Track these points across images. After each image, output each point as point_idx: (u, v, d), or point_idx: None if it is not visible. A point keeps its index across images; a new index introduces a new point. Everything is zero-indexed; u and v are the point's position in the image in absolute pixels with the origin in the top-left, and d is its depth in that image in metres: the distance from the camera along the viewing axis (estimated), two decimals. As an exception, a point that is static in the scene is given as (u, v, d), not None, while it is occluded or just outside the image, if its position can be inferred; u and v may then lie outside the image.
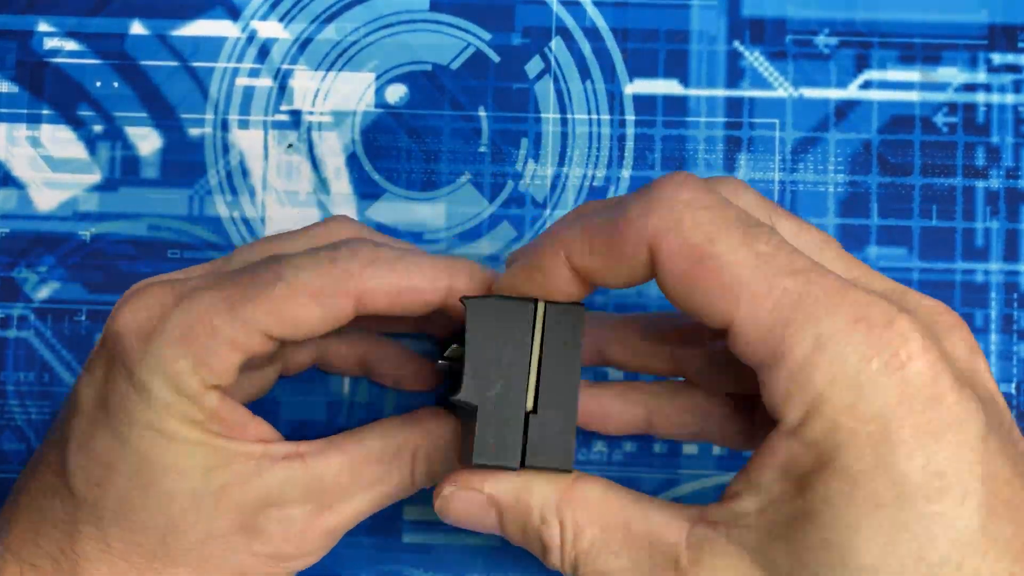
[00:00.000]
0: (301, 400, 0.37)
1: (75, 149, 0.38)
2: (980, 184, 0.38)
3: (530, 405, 0.29)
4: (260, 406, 0.34)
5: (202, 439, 0.29)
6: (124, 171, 0.38)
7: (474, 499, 0.29)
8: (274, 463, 0.30)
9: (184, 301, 0.29)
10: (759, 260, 0.25)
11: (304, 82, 0.38)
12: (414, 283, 0.29)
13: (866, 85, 0.38)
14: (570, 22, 0.38)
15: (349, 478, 0.31)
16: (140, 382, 0.29)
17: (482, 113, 0.38)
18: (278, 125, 0.38)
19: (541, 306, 0.29)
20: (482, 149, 0.38)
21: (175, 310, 0.29)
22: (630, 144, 0.38)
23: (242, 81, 0.38)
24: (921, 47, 0.38)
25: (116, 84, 0.38)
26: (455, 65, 0.38)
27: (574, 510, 0.28)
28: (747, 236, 0.25)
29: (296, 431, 0.37)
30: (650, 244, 0.25)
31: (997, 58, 0.38)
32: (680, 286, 0.25)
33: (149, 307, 0.29)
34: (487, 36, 0.38)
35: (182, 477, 0.29)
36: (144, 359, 0.29)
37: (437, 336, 0.36)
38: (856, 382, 0.24)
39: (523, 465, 0.29)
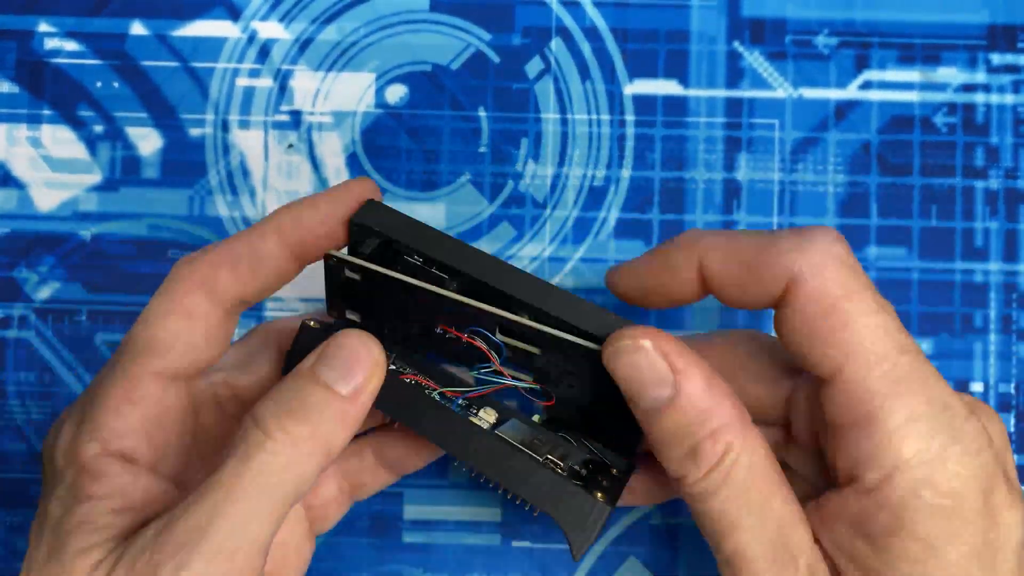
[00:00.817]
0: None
1: (76, 149, 0.38)
2: (979, 184, 0.38)
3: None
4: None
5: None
6: (125, 171, 0.38)
7: (659, 369, 0.28)
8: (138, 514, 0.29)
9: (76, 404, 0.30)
10: (882, 330, 0.27)
11: (304, 82, 0.38)
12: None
13: (866, 85, 0.38)
14: (570, 22, 0.38)
15: None
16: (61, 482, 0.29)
17: (482, 113, 0.38)
18: (278, 125, 0.38)
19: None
20: (482, 149, 0.38)
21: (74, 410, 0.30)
22: (630, 144, 0.38)
23: (242, 81, 0.38)
24: (921, 47, 0.38)
25: (116, 84, 0.38)
26: (455, 65, 0.38)
27: (745, 449, 0.28)
28: (877, 305, 0.27)
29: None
30: (791, 278, 0.28)
31: (996, 58, 0.38)
32: (804, 326, 0.27)
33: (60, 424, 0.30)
34: (487, 36, 0.38)
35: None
36: (67, 459, 0.29)
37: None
38: (939, 459, 0.27)
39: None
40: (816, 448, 0.30)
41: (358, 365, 0.28)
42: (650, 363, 0.28)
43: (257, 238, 0.31)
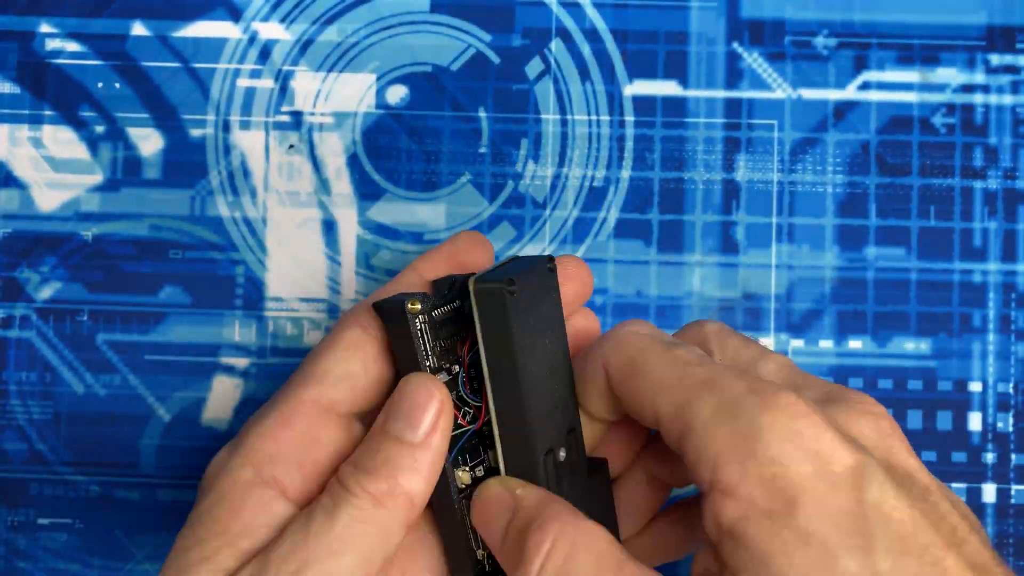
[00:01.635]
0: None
1: (77, 150, 0.38)
2: (978, 184, 0.38)
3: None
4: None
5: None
6: (126, 172, 0.38)
7: (503, 499, 0.29)
8: None
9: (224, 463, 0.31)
10: (674, 361, 0.29)
11: (305, 83, 0.38)
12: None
13: (864, 86, 0.38)
14: (570, 23, 0.39)
15: None
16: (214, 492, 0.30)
17: (482, 114, 0.38)
18: (279, 126, 0.38)
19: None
20: (482, 150, 0.38)
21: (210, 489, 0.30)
22: (629, 145, 0.38)
23: (243, 82, 0.38)
24: (919, 48, 0.38)
25: (118, 85, 0.39)
26: (455, 66, 0.38)
27: (576, 535, 0.28)
28: (668, 347, 0.29)
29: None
30: (603, 365, 0.30)
31: (995, 59, 0.38)
32: (623, 393, 0.29)
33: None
34: (487, 37, 0.39)
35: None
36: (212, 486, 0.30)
37: None
38: (750, 433, 0.26)
39: None
40: None
41: (421, 410, 0.29)
42: (493, 496, 0.30)
43: (406, 287, 0.32)
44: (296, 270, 0.38)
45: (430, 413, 0.29)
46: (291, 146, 0.38)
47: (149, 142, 0.38)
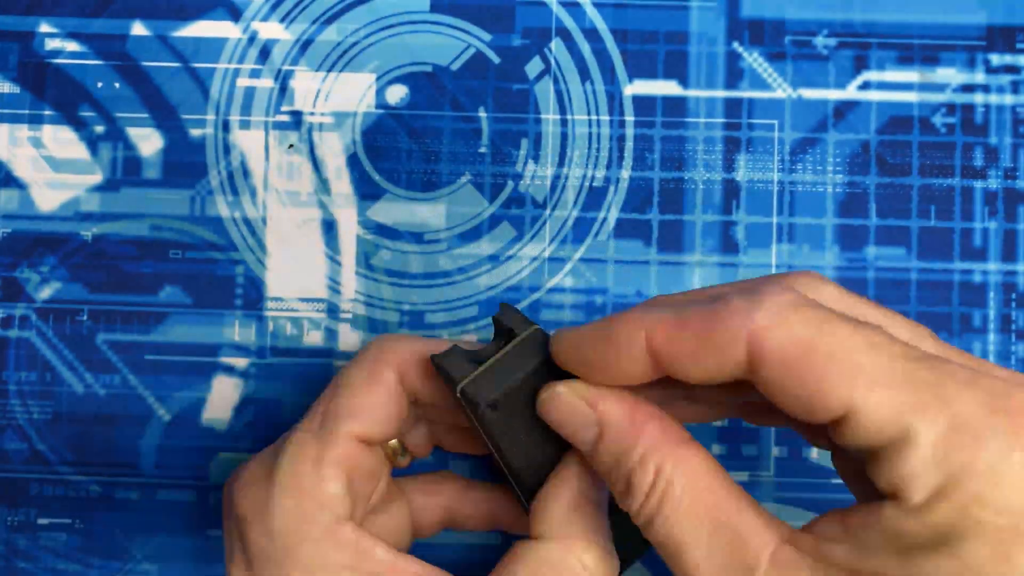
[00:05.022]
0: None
1: (77, 150, 0.38)
2: (978, 184, 0.38)
3: None
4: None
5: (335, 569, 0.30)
6: (126, 171, 0.38)
7: (582, 410, 0.29)
8: None
9: (279, 454, 0.31)
10: (874, 348, 0.24)
11: (305, 83, 0.38)
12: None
13: (865, 86, 0.38)
14: (570, 23, 0.39)
15: None
16: (282, 538, 0.30)
17: (482, 114, 0.38)
18: (279, 126, 0.38)
19: (533, 328, 0.31)
20: (482, 150, 0.38)
21: (279, 464, 0.31)
22: (629, 145, 0.38)
23: (243, 82, 0.38)
24: (919, 48, 0.38)
25: (117, 85, 0.39)
26: (455, 66, 0.38)
27: (676, 468, 0.27)
28: (856, 327, 0.25)
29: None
30: (751, 338, 0.25)
31: (995, 59, 0.38)
32: (788, 380, 0.25)
33: (255, 476, 0.31)
34: (487, 37, 0.39)
35: None
36: (278, 519, 0.30)
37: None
38: (994, 470, 0.23)
39: None
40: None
41: None
42: (571, 408, 0.29)
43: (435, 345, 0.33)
44: (296, 270, 0.38)
45: None
46: (291, 146, 0.38)
47: (149, 142, 0.38)
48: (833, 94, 0.38)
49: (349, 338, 0.38)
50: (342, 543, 0.30)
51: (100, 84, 0.39)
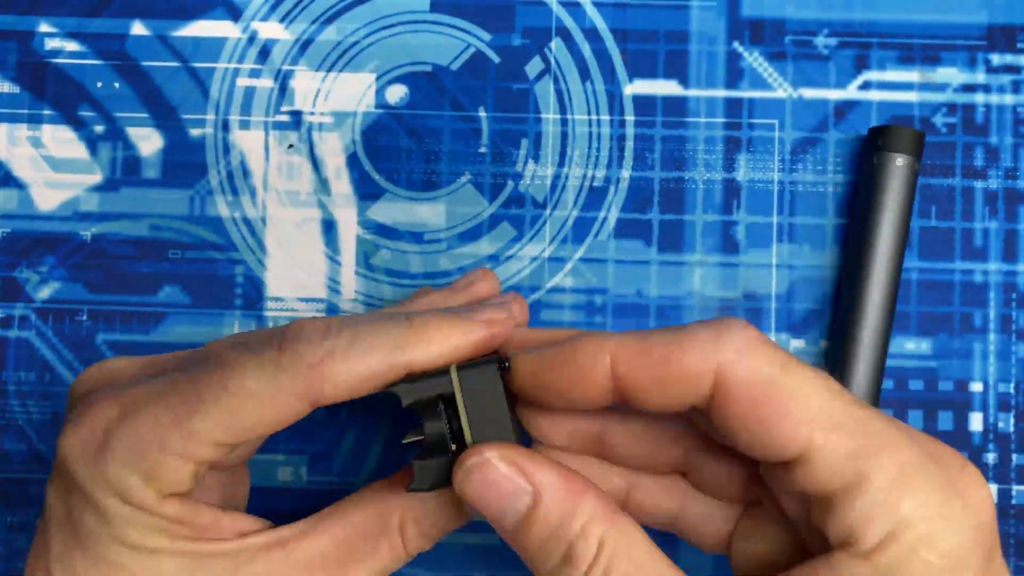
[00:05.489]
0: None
1: (76, 149, 0.38)
2: (979, 184, 0.38)
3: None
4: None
5: (169, 547, 0.28)
6: (125, 171, 0.38)
7: (512, 479, 0.27)
8: (253, 557, 0.29)
9: (129, 416, 0.28)
10: (831, 393, 0.26)
11: (305, 83, 0.38)
12: (370, 370, 0.28)
13: (865, 86, 0.38)
14: (570, 23, 0.38)
15: (336, 560, 0.30)
16: (95, 501, 0.28)
17: (482, 113, 0.38)
18: (279, 126, 0.38)
19: (454, 372, 0.28)
20: (482, 149, 0.38)
21: (120, 426, 0.28)
22: (630, 144, 0.38)
23: (243, 82, 0.38)
24: (920, 48, 0.38)
25: (117, 84, 0.39)
26: (455, 66, 0.38)
27: (620, 539, 0.26)
28: (815, 372, 0.26)
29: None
30: (717, 370, 0.26)
31: (996, 59, 0.38)
32: (749, 416, 0.26)
33: (93, 426, 0.29)
34: (487, 37, 0.39)
35: None
36: (94, 479, 0.28)
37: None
38: (939, 516, 0.25)
39: None
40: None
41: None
42: (500, 476, 0.27)
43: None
44: (296, 270, 0.38)
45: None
46: (290, 146, 0.38)
47: (148, 142, 0.38)
48: (834, 94, 0.38)
49: (349, 338, 0.38)
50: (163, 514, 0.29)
51: (100, 84, 0.39)
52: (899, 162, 0.36)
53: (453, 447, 0.29)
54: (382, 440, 0.38)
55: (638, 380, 0.27)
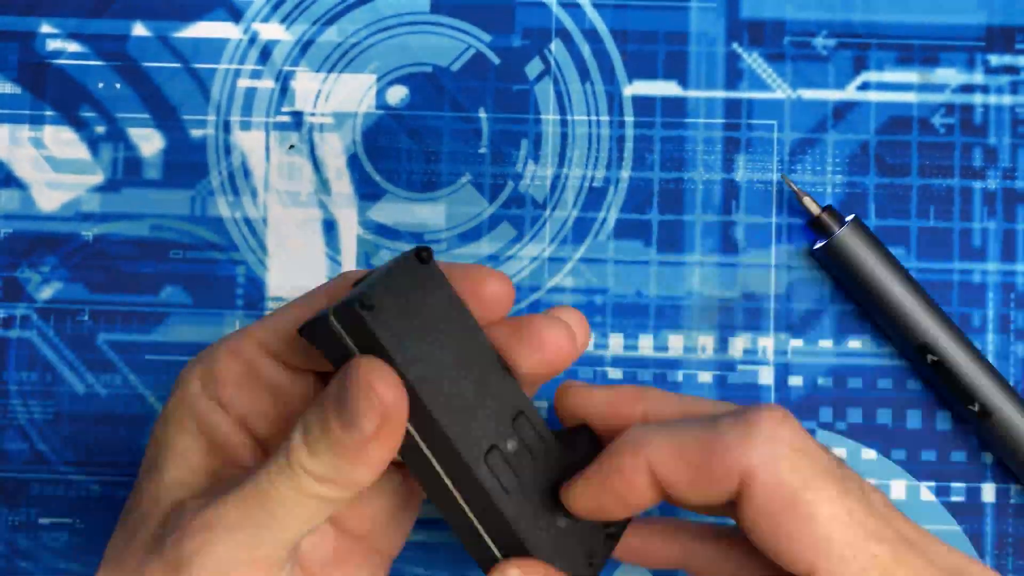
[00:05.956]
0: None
1: (77, 150, 0.38)
2: (977, 185, 0.38)
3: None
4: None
5: (184, 450, 0.29)
6: (126, 172, 0.38)
7: None
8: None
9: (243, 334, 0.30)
10: (851, 519, 0.26)
11: (305, 83, 0.39)
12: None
13: (864, 86, 0.38)
14: (570, 24, 0.39)
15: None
16: (169, 398, 0.30)
17: (482, 114, 0.38)
18: (280, 126, 0.38)
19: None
20: (482, 150, 0.38)
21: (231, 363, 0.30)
22: (629, 145, 0.38)
23: (244, 83, 0.39)
24: (919, 48, 0.38)
25: (118, 85, 0.39)
26: (455, 67, 0.39)
27: None
28: (841, 490, 0.26)
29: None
30: (743, 474, 0.26)
31: (995, 59, 0.38)
32: (766, 525, 0.26)
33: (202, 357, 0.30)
34: (487, 38, 0.39)
35: (161, 480, 0.29)
36: (175, 382, 0.30)
37: None
38: None
39: None
40: None
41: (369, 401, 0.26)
42: None
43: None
44: (296, 270, 0.38)
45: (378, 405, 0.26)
46: (291, 146, 0.38)
47: (150, 142, 0.38)
48: (832, 95, 0.38)
49: (349, 338, 0.38)
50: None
51: (101, 84, 0.39)
52: (844, 232, 0.36)
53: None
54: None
55: (676, 484, 0.27)
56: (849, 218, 0.36)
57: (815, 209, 0.36)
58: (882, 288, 0.36)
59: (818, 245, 0.37)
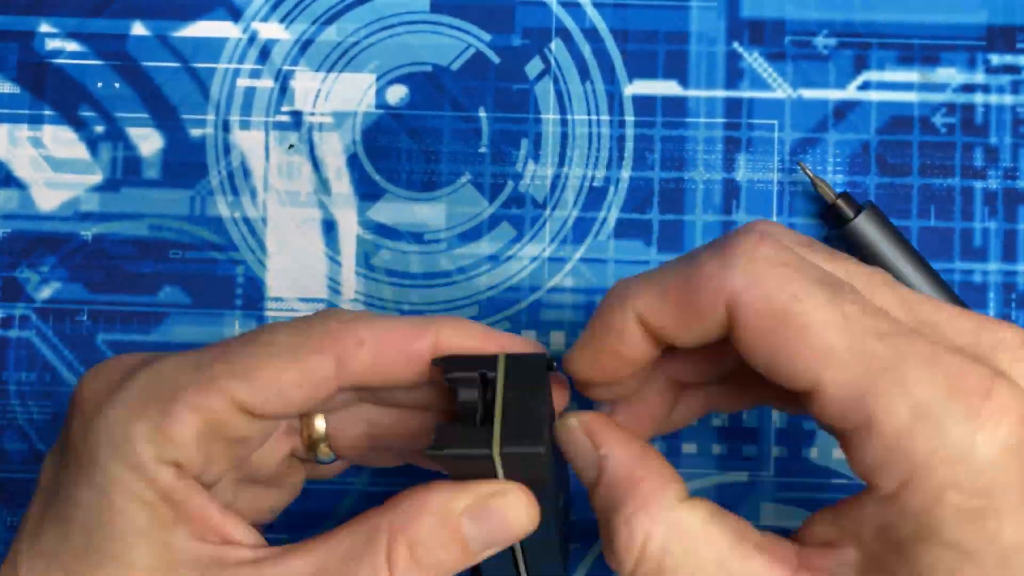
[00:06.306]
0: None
1: (77, 149, 0.38)
2: (978, 184, 0.38)
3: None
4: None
5: (147, 527, 0.26)
6: (125, 171, 0.38)
7: (586, 449, 0.27)
8: (221, 571, 0.26)
9: (152, 364, 0.27)
10: (846, 321, 0.24)
11: (305, 83, 0.38)
12: (397, 336, 0.27)
13: (865, 86, 0.38)
14: (570, 23, 0.39)
15: None
16: (88, 455, 0.26)
17: (482, 114, 0.38)
18: (279, 126, 0.38)
19: (503, 356, 0.28)
20: (482, 150, 0.38)
21: (140, 373, 0.27)
22: (630, 145, 0.38)
23: (243, 82, 0.38)
24: (920, 48, 0.38)
25: (117, 85, 0.39)
26: (455, 66, 0.38)
27: (671, 534, 0.25)
28: (832, 295, 0.24)
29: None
30: (728, 301, 0.25)
31: (995, 59, 0.38)
32: (761, 346, 0.25)
33: (111, 372, 0.27)
34: (487, 37, 0.39)
35: (123, 568, 0.26)
36: (95, 426, 0.26)
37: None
38: (960, 455, 0.23)
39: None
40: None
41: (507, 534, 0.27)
42: (577, 443, 0.27)
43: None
44: (296, 270, 0.38)
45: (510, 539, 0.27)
46: (291, 146, 0.38)
47: (149, 142, 0.38)
48: (833, 94, 0.38)
49: (349, 338, 0.38)
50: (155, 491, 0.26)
51: (100, 84, 0.39)
52: (862, 218, 0.36)
53: (478, 422, 0.27)
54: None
55: (663, 325, 0.26)
56: (866, 204, 0.36)
57: (831, 196, 0.36)
58: (903, 272, 0.36)
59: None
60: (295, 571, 0.26)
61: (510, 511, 0.27)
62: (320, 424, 0.30)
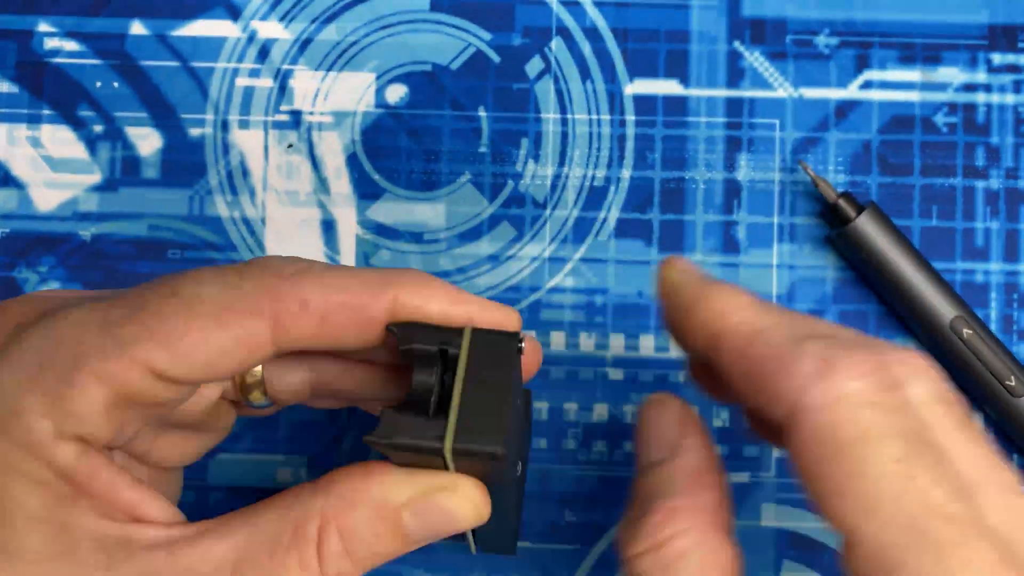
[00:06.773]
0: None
1: (75, 149, 0.38)
2: (980, 184, 0.38)
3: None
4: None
5: (41, 510, 0.22)
6: (124, 171, 0.38)
7: (670, 434, 0.26)
8: (132, 555, 0.23)
9: (48, 316, 0.23)
10: (909, 482, 0.21)
11: (304, 82, 0.38)
12: (348, 297, 0.24)
13: (866, 85, 0.38)
14: (570, 22, 0.38)
15: (230, 572, 0.23)
16: None
17: (482, 113, 0.38)
18: (278, 125, 0.38)
19: (468, 330, 0.25)
20: (482, 149, 0.38)
21: (33, 331, 0.23)
22: (630, 144, 0.38)
23: (242, 81, 0.38)
24: (921, 47, 0.38)
25: (116, 84, 0.38)
26: (455, 65, 0.38)
27: (698, 547, 0.24)
28: (904, 449, 0.22)
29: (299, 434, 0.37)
30: (792, 406, 0.23)
31: (997, 58, 0.38)
32: (806, 466, 0.22)
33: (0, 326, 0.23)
34: (487, 36, 0.38)
35: (14, 558, 0.22)
36: None
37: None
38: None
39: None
40: None
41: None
42: (663, 422, 0.26)
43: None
44: (295, 270, 0.38)
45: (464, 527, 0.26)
46: (290, 145, 0.38)
47: (147, 142, 0.38)
48: (835, 93, 0.38)
49: (349, 338, 0.38)
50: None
51: (99, 83, 0.38)
52: (864, 217, 0.36)
53: (431, 410, 0.24)
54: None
55: (738, 385, 0.25)
56: (867, 204, 0.36)
57: (832, 195, 0.36)
58: (904, 272, 0.36)
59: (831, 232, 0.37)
60: (214, 556, 0.23)
61: (458, 509, 0.25)
62: (256, 369, 0.27)
